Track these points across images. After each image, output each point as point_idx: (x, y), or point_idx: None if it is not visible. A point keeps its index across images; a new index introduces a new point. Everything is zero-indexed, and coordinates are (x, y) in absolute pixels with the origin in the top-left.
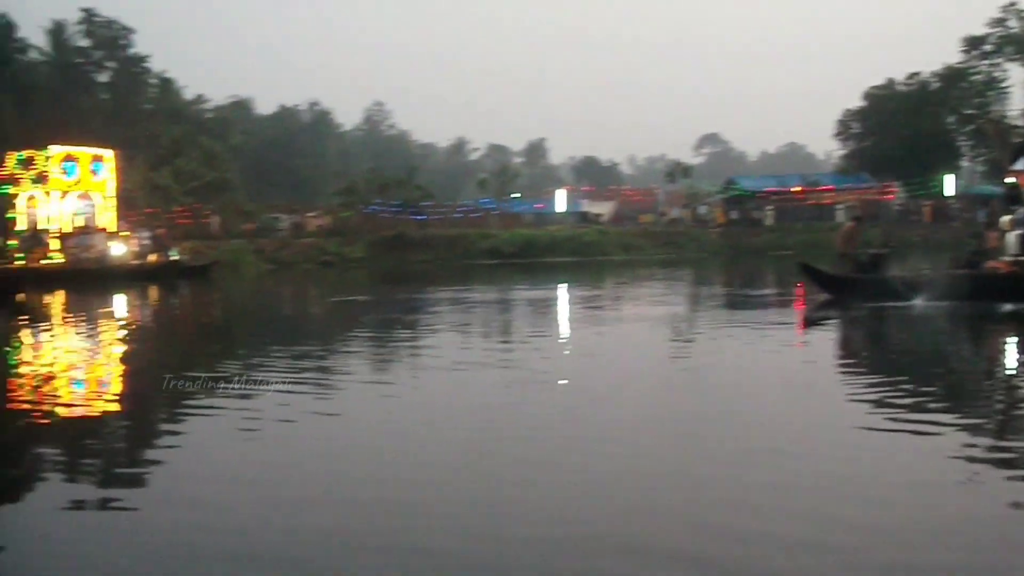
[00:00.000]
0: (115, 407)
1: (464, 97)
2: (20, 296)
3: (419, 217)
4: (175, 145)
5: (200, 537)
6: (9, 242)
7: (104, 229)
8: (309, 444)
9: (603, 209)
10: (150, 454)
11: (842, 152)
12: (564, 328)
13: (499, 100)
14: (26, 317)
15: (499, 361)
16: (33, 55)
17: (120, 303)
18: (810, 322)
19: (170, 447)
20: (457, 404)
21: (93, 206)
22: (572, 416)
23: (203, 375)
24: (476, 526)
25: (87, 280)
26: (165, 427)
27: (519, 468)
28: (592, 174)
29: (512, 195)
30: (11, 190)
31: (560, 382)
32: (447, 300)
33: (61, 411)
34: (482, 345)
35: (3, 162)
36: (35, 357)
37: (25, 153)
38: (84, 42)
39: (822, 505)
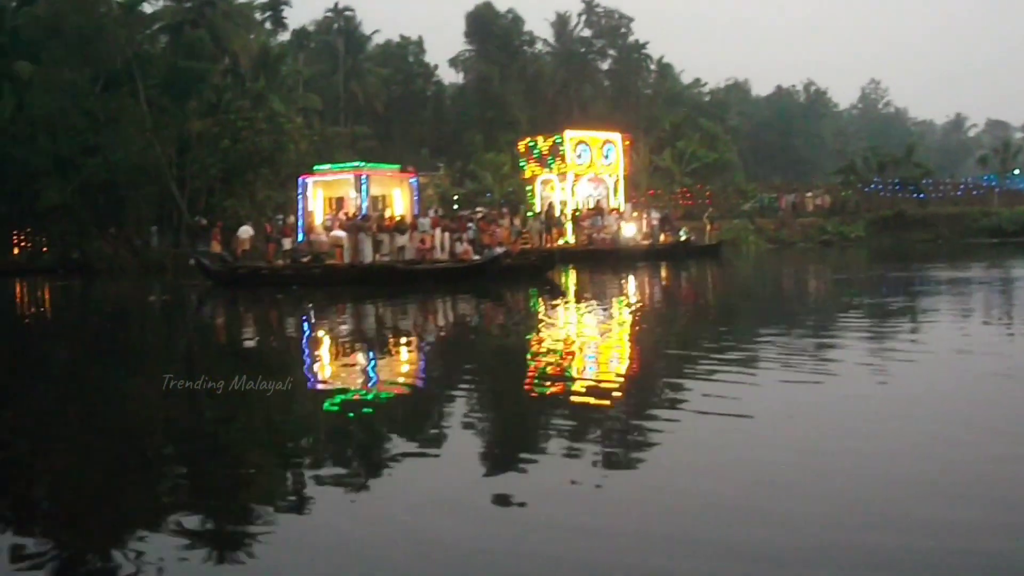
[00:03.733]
0: (620, 385)
1: (961, 72)
2: (554, 275)
3: (918, 195)
4: (675, 128)
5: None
6: (525, 225)
7: (616, 210)
8: (786, 435)
9: None
10: (645, 437)
11: None
12: None
13: (1000, 73)
14: (556, 295)
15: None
16: (539, 47)
17: (632, 282)
18: None
19: (663, 432)
20: (937, 394)
21: (605, 189)
22: None
23: (707, 355)
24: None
25: (600, 260)
26: (661, 411)
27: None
28: None
29: (1015, 171)
30: (529, 174)
31: None
32: (946, 280)
33: (567, 385)
34: (975, 331)
35: (521, 148)
36: (556, 331)
37: (539, 139)
38: (586, 32)
39: None
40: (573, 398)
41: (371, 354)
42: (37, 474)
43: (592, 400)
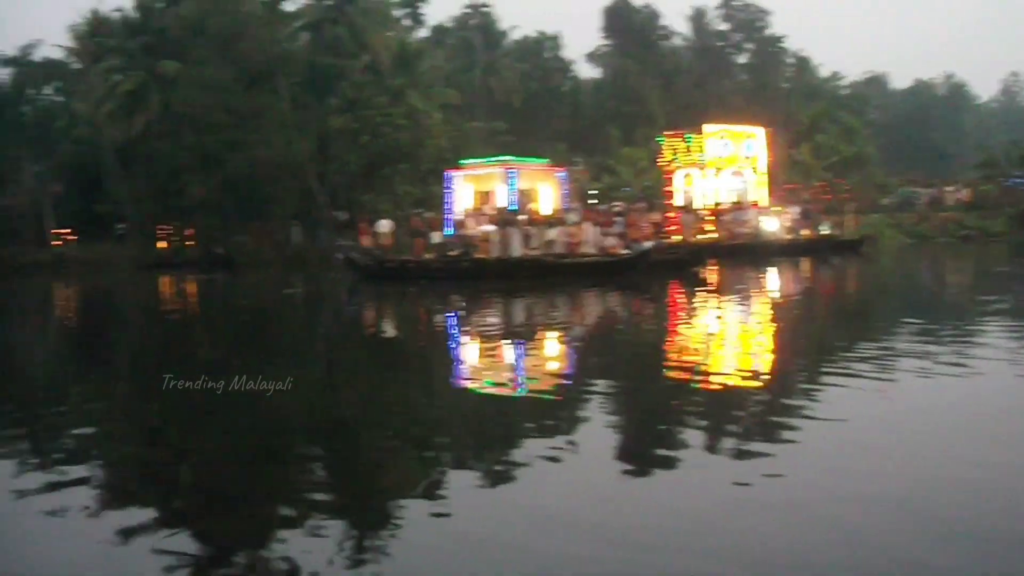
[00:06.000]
0: (757, 378)
1: None
2: (701, 269)
3: None
4: (813, 122)
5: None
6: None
7: (756, 204)
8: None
9: None
10: (787, 436)
11: None
12: None
13: None
14: (702, 289)
15: None
16: (676, 41)
17: (775, 277)
18: None
19: (798, 428)
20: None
21: (745, 183)
22: None
23: (854, 353)
24: None
25: (741, 254)
26: (800, 403)
27: None
28: None
29: None
30: (668, 168)
31: None
32: None
33: (707, 377)
34: None
35: (662, 143)
36: (702, 327)
37: (678, 133)
38: (723, 26)
39: None
40: (717, 394)
41: (517, 348)
42: (183, 465)
43: (737, 394)
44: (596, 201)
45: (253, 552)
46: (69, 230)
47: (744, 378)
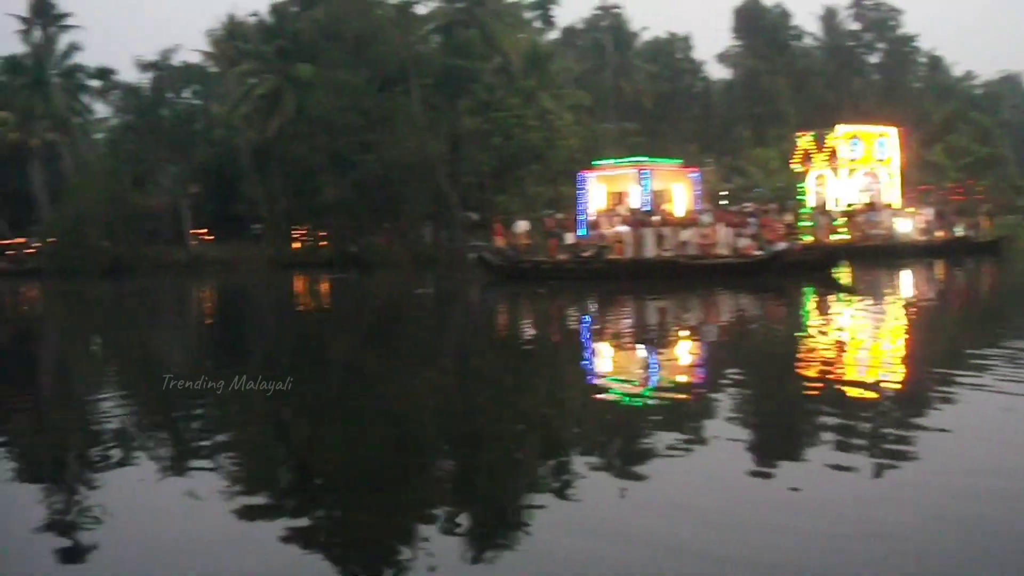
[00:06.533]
0: (888, 384)
1: None
2: (834, 271)
3: None
4: (946, 122)
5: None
6: (799, 221)
7: (890, 206)
8: None
9: None
10: (915, 441)
11: None
12: None
13: None
14: (837, 291)
15: None
16: (807, 41)
17: (911, 279)
18: None
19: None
20: None
21: (879, 183)
22: None
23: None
24: None
25: (875, 256)
26: (929, 409)
27: None
28: None
29: None
30: (801, 169)
31: None
32: None
33: (838, 381)
34: None
35: (799, 143)
36: (836, 330)
37: (811, 133)
38: (854, 26)
39: None
40: (847, 398)
41: (650, 349)
42: (317, 457)
43: (866, 399)
44: (727, 202)
45: (386, 543)
46: (206, 230)
47: (874, 384)
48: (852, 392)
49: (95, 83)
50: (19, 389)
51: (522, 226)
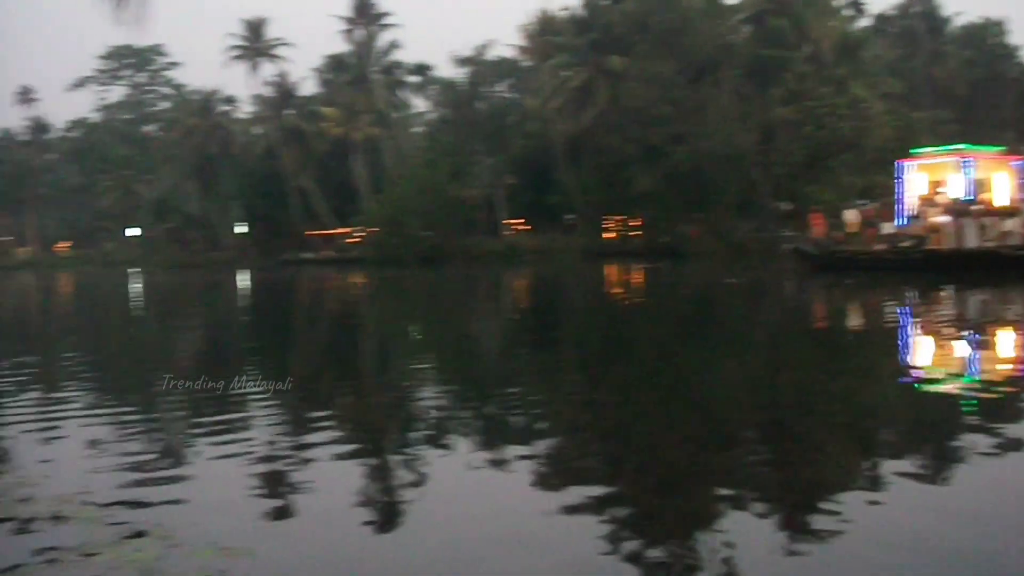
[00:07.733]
0: None
1: None
2: None
3: None
4: None
5: None
6: None
7: None
8: None
9: None
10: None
11: None
12: None
13: None
14: None
15: None
16: None
17: None
18: None
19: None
20: None
21: None
22: None
23: None
24: None
25: None
26: None
27: None
28: None
29: None
30: None
31: None
32: None
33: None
34: None
35: None
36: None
37: None
38: None
39: None
40: None
41: (967, 343)
42: (625, 443)
43: None
44: None
45: (695, 534)
46: (520, 220)
47: None
48: None
49: (413, 79)
50: (344, 371)
51: (851, 215)
